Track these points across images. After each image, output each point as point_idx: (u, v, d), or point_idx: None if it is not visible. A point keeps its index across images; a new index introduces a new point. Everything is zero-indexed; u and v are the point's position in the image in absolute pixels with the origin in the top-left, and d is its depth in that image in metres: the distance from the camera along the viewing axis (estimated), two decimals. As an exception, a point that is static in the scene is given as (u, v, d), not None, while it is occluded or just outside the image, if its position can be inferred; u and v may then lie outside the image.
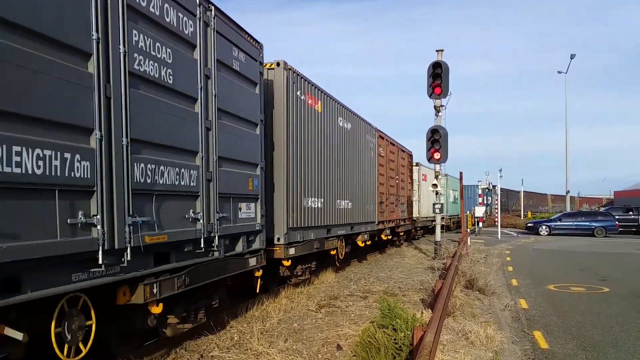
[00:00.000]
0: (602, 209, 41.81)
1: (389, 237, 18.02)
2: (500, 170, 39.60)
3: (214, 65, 6.34)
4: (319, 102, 11.06)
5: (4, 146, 3.40)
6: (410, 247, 21.61)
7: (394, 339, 5.78)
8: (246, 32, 7.44)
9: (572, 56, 41.06)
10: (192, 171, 5.86)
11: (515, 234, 32.97)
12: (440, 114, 17.22)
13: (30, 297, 3.78)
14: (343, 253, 12.97)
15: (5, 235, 3.43)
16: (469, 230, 28.21)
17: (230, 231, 6.83)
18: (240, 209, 7.22)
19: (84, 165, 4.13)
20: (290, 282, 10.59)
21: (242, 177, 7.26)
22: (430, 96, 16.83)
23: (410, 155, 22.43)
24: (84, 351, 4.51)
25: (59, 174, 3.87)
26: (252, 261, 7.70)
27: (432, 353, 4.70)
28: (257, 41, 7.86)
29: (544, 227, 31.57)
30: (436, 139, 16.59)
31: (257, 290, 8.29)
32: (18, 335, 3.93)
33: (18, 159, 3.51)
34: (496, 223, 32.06)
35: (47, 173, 3.77)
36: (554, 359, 6.30)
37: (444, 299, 7.18)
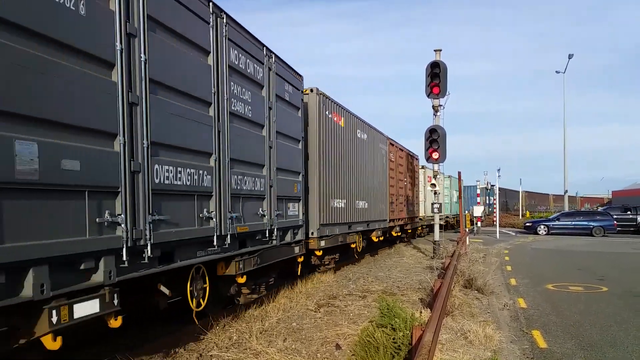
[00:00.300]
0: (600, 209, 41.33)
1: (399, 234, 20.02)
2: (499, 170, 39.53)
3: (273, 98, 8.36)
4: (342, 118, 13.06)
5: (176, 168, 5.44)
6: (409, 246, 21.91)
7: (393, 338, 5.81)
8: (293, 69, 9.46)
9: (570, 56, 41.95)
10: (261, 179, 7.88)
11: (513, 234, 33.25)
12: (438, 113, 17.22)
13: (179, 265, 5.80)
14: (361, 247, 14.97)
15: (173, 224, 5.46)
16: (467, 229, 28.45)
17: (283, 225, 8.84)
18: (288, 208, 9.24)
19: (208, 178, 6.17)
20: (319, 270, 12.60)
21: (290, 183, 9.27)
22: (428, 96, 16.77)
23: (417, 159, 24.42)
24: (202, 305, 6.56)
25: (196, 184, 5.90)
26: (296, 249, 9.73)
27: (431, 352, 4.70)
28: (299, 75, 9.88)
29: (542, 226, 31.94)
30: (434, 139, 16.53)
31: (299, 273, 10.32)
32: (166, 291, 5.97)
33: (180, 175, 5.55)
34: (495, 222, 32.33)
35: (192, 184, 5.80)
36: (553, 358, 6.33)
37: (442, 298, 7.19)
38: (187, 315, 6.73)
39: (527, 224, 33.91)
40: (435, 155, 16.66)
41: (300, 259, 10.08)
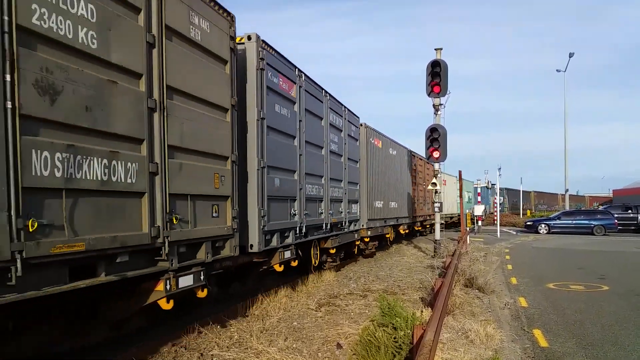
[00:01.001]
0: (601, 208, 40.86)
1: (419, 228, 24.60)
2: (500, 169, 40.18)
3: (346, 137, 13.01)
4: (380, 141, 17.67)
5: (312, 185, 10.11)
6: (410, 245, 22.30)
7: (394, 338, 5.84)
8: (354, 114, 14.10)
9: (571, 55, 41.53)
10: (340, 189, 12.51)
11: (514, 233, 33.41)
12: (439, 112, 17.59)
13: (309, 239, 10.44)
14: (392, 237, 19.58)
15: (309, 215, 10.10)
16: (468, 228, 28.92)
17: (350, 218, 13.48)
18: (352, 207, 13.87)
19: (322, 190, 10.83)
20: (365, 253, 17.21)
21: (354, 191, 13.91)
22: (429, 95, 17.00)
23: (433, 165, 28.92)
24: (317, 263, 11.23)
25: (318, 194, 10.56)
26: (356, 235, 14.37)
27: (432, 351, 4.72)
28: (357, 116, 14.53)
29: (543, 225, 32.01)
30: (435, 138, 16.85)
31: (356, 252, 14.93)
32: (300, 253, 10.63)
33: (313, 189, 10.21)
34: (495, 222, 32.45)
35: (316, 194, 10.46)
36: (554, 357, 6.31)
37: (443, 297, 7.24)
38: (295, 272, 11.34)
39: (528, 223, 34.32)
40: (435, 154, 17.03)
41: (358, 242, 14.72)
